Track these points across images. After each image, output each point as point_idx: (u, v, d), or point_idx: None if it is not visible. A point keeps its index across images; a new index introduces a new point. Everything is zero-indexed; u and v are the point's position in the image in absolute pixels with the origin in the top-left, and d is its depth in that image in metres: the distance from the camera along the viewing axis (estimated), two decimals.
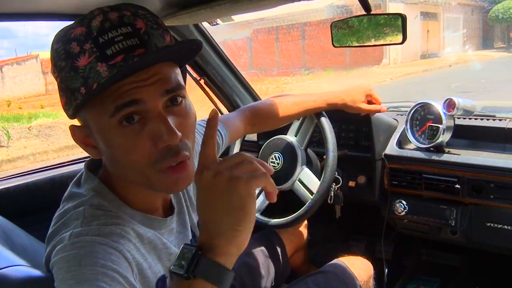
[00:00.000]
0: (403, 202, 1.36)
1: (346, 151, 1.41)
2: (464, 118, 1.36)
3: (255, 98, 1.75)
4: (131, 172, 0.62)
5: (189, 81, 1.59)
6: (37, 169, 1.36)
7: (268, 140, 1.44)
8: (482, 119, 1.36)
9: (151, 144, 0.59)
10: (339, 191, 1.36)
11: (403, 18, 0.99)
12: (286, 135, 1.39)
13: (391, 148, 1.39)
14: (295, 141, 1.37)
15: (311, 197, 1.28)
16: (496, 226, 1.24)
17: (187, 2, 0.94)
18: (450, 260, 1.67)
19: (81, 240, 0.57)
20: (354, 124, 1.49)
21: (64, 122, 8.26)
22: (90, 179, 0.67)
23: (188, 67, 1.58)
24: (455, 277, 1.65)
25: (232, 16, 1.41)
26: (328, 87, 10.24)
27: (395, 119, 1.47)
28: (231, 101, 1.70)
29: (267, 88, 11.17)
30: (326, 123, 1.28)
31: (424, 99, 1.34)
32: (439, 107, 1.29)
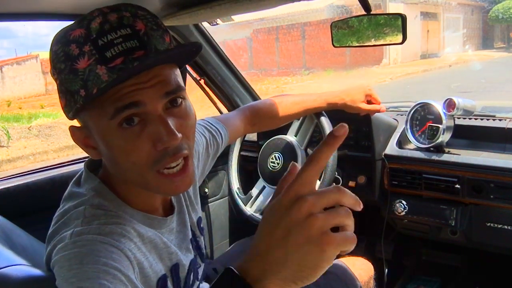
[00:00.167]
0: (403, 202, 1.36)
1: (346, 151, 1.41)
2: (464, 118, 1.36)
3: (255, 98, 1.75)
4: (131, 174, 0.62)
5: (189, 81, 1.59)
6: (37, 169, 1.36)
7: (268, 140, 1.44)
8: (482, 119, 1.36)
9: (151, 145, 0.59)
10: None
11: (403, 18, 0.99)
12: (286, 135, 1.39)
13: (391, 148, 1.39)
14: (295, 141, 1.37)
15: None
16: (496, 226, 1.24)
17: (187, 2, 0.94)
18: (450, 260, 1.67)
19: (82, 238, 0.58)
20: (354, 124, 1.49)
21: (64, 122, 8.26)
22: (90, 179, 0.67)
23: (188, 67, 1.58)
24: (455, 277, 1.65)
25: (232, 16, 1.41)
26: (328, 87, 10.24)
27: (395, 119, 1.47)
28: (231, 101, 1.70)
29: (267, 88, 11.17)
30: (326, 123, 1.28)
31: (424, 99, 1.34)
32: (439, 107, 1.29)
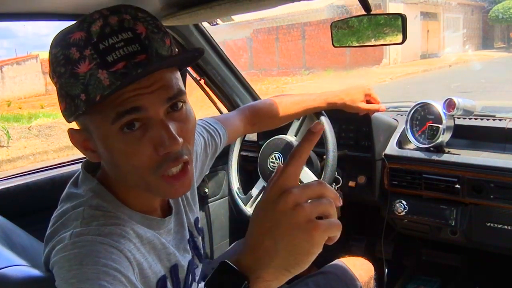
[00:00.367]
0: (403, 202, 1.36)
1: (346, 151, 1.41)
2: (464, 118, 1.36)
3: (255, 98, 1.75)
4: (132, 177, 0.62)
5: (189, 81, 1.59)
6: (37, 169, 1.36)
7: (268, 140, 1.44)
8: (482, 119, 1.36)
9: (152, 150, 0.59)
10: (339, 191, 1.36)
11: (403, 18, 0.99)
12: (286, 135, 1.39)
13: (391, 148, 1.39)
14: (295, 141, 1.37)
15: None
16: (496, 226, 1.24)
17: (187, 2, 0.94)
18: (450, 260, 1.67)
19: (82, 239, 0.57)
20: (354, 124, 1.49)
21: (64, 122, 8.16)
22: (87, 180, 0.67)
23: (188, 68, 1.58)
24: (455, 277, 1.65)
25: (232, 16, 1.41)
26: (328, 87, 10.23)
27: (395, 119, 1.47)
28: (231, 101, 1.70)
29: (267, 88, 11.17)
30: (326, 123, 1.28)
31: (424, 99, 1.34)
32: (439, 107, 1.29)
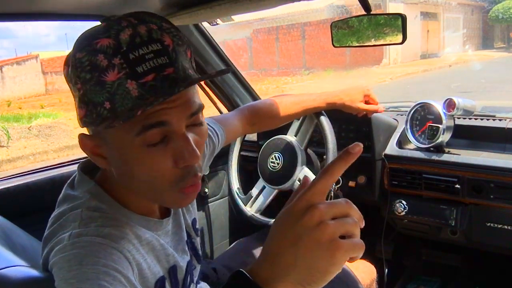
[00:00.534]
0: (403, 202, 1.36)
1: None
2: (464, 118, 1.36)
3: (255, 98, 1.75)
4: (145, 188, 0.62)
5: None
6: (37, 169, 1.36)
7: (268, 140, 1.44)
8: (482, 119, 1.36)
9: (172, 163, 0.59)
10: (339, 191, 1.36)
11: (403, 18, 0.99)
12: (286, 135, 1.39)
13: (391, 148, 1.39)
14: (295, 141, 1.37)
15: None
16: (496, 226, 1.24)
17: (187, 2, 0.94)
18: (450, 260, 1.67)
19: (81, 240, 0.57)
20: (354, 124, 1.49)
21: (64, 122, 8.27)
22: (84, 182, 0.67)
23: None
24: (455, 277, 1.65)
25: (232, 16, 1.41)
26: (328, 87, 10.24)
27: (395, 119, 1.47)
28: (231, 101, 1.70)
29: (267, 88, 11.18)
30: (326, 123, 1.28)
31: (424, 99, 1.35)
32: (439, 107, 1.29)
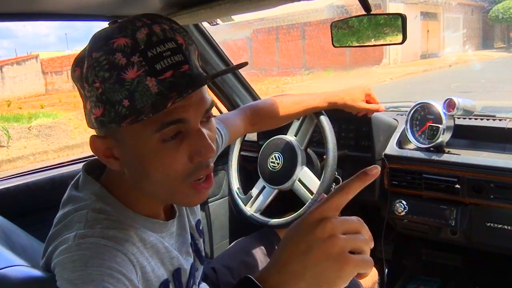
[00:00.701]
0: (403, 202, 1.36)
1: (346, 151, 1.41)
2: (464, 118, 1.36)
3: (255, 98, 1.75)
4: (160, 186, 0.63)
5: None
6: (37, 169, 1.36)
7: (268, 140, 1.44)
8: (482, 119, 1.36)
9: (187, 158, 0.61)
10: None
11: (403, 18, 0.99)
12: (286, 135, 1.39)
13: (391, 148, 1.39)
14: (295, 141, 1.37)
15: (311, 197, 1.28)
16: (496, 226, 1.24)
17: (187, 2, 0.94)
18: (450, 260, 1.67)
19: (86, 241, 0.57)
20: (354, 124, 1.49)
21: (64, 122, 8.26)
22: (89, 183, 0.66)
23: None
24: (455, 277, 1.65)
25: (232, 16, 1.41)
26: (328, 87, 10.25)
27: (395, 119, 1.47)
28: (231, 101, 1.70)
29: (267, 88, 11.18)
30: (326, 123, 1.28)
31: (424, 99, 1.35)
32: (439, 107, 1.29)
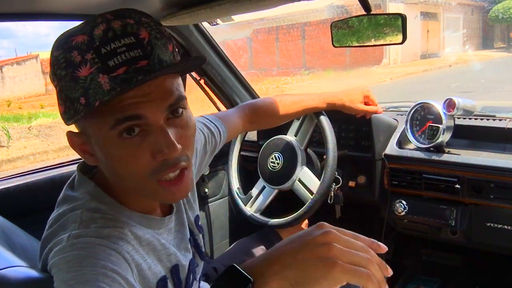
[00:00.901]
0: (403, 202, 1.36)
1: (346, 151, 1.41)
2: (464, 118, 1.36)
3: (254, 98, 1.75)
4: (129, 183, 0.62)
5: (189, 81, 1.59)
6: (37, 169, 1.36)
7: (268, 140, 1.44)
8: (482, 119, 1.36)
9: (150, 156, 0.59)
10: (339, 191, 1.36)
11: (403, 18, 0.99)
12: (286, 135, 1.39)
13: (391, 148, 1.39)
14: (295, 141, 1.37)
15: (311, 197, 1.28)
16: (496, 226, 1.24)
17: (187, 2, 0.94)
18: (450, 260, 1.67)
19: (80, 241, 0.57)
20: (354, 124, 1.49)
21: (64, 122, 8.25)
22: (84, 183, 0.67)
23: None
24: (455, 277, 1.65)
25: (232, 16, 1.41)
26: (328, 87, 10.25)
27: (395, 119, 1.47)
28: (231, 101, 1.70)
29: (267, 88, 11.17)
30: (326, 123, 1.28)
31: (424, 99, 1.35)
32: (439, 107, 1.29)
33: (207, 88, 1.67)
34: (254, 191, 1.45)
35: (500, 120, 1.34)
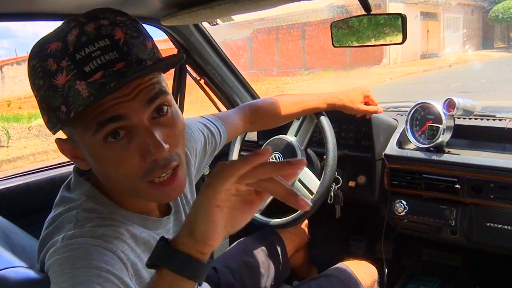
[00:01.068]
0: (403, 202, 1.36)
1: (346, 151, 1.41)
2: (464, 118, 1.36)
3: (254, 98, 1.75)
4: (122, 185, 0.62)
5: (189, 81, 1.59)
6: (37, 169, 1.36)
7: (268, 140, 1.44)
8: (482, 119, 1.36)
9: (140, 158, 0.58)
10: (339, 191, 1.36)
11: (403, 18, 0.99)
12: (286, 135, 1.39)
13: (391, 148, 1.39)
14: (295, 141, 1.37)
15: (311, 197, 1.28)
16: (496, 226, 1.24)
17: (187, 2, 0.94)
18: (450, 260, 1.67)
19: (74, 242, 0.57)
20: (354, 124, 1.49)
21: None
22: (80, 184, 0.66)
23: (188, 67, 1.58)
24: (455, 277, 1.65)
25: (232, 16, 1.41)
26: (328, 87, 10.25)
27: (395, 119, 1.47)
28: (231, 101, 1.70)
29: (267, 88, 11.16)
30: (326, 123, 1.28)
31: (424, 99, 1.35)
32: (439, 107, 1.29)
33: (207, 88, 1.66)
34: None
35: (500, 120, 1.34)
